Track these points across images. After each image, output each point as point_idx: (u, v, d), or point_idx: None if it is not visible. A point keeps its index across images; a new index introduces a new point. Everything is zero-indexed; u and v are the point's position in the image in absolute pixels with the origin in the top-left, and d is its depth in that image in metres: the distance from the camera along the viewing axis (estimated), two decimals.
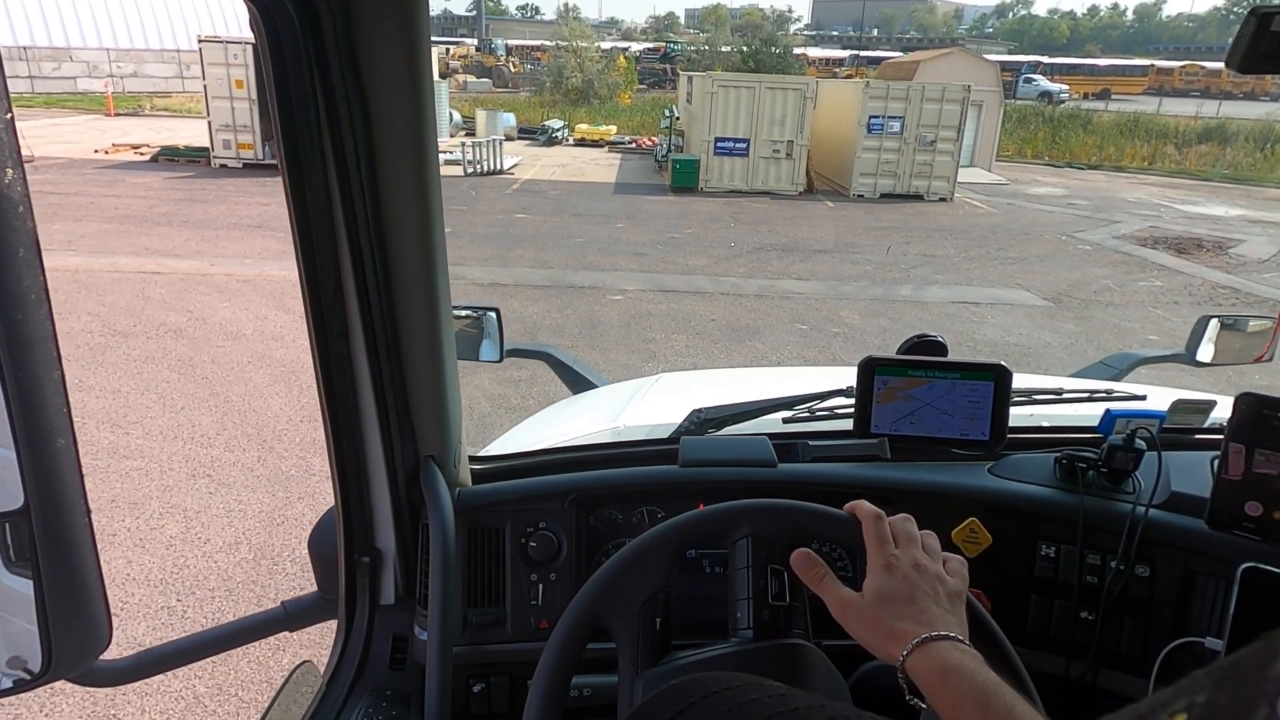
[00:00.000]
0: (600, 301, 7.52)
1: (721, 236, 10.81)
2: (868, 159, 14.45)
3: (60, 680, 0.67)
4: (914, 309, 7.78)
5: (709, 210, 12.77)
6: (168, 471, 4.09)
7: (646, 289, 8.02)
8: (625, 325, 6.85)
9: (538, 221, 11.26)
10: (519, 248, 9.60)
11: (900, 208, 13.78)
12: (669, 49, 48.07)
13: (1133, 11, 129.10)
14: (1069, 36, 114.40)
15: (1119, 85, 49.91)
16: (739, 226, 11.59)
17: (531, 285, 7.97)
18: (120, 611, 3.05)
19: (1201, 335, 1.92)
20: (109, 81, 25.97)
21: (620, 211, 12.37)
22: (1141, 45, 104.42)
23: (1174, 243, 11.61)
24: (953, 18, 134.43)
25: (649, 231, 10.94)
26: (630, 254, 9.57)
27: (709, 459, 1.24)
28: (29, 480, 0.58)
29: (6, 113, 0.51)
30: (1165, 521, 1.15)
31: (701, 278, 8.58)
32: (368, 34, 0.83)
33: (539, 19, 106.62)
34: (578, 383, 2.35)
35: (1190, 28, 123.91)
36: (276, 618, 1.17)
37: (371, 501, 1.12)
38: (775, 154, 14.48)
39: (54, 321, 0.56)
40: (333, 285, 0.96)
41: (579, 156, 19.19)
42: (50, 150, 15.97)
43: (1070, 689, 1.16)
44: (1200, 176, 21.25)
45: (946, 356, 1.30)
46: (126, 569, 3.30)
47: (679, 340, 6.51)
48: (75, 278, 7.46)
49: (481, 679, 1.15)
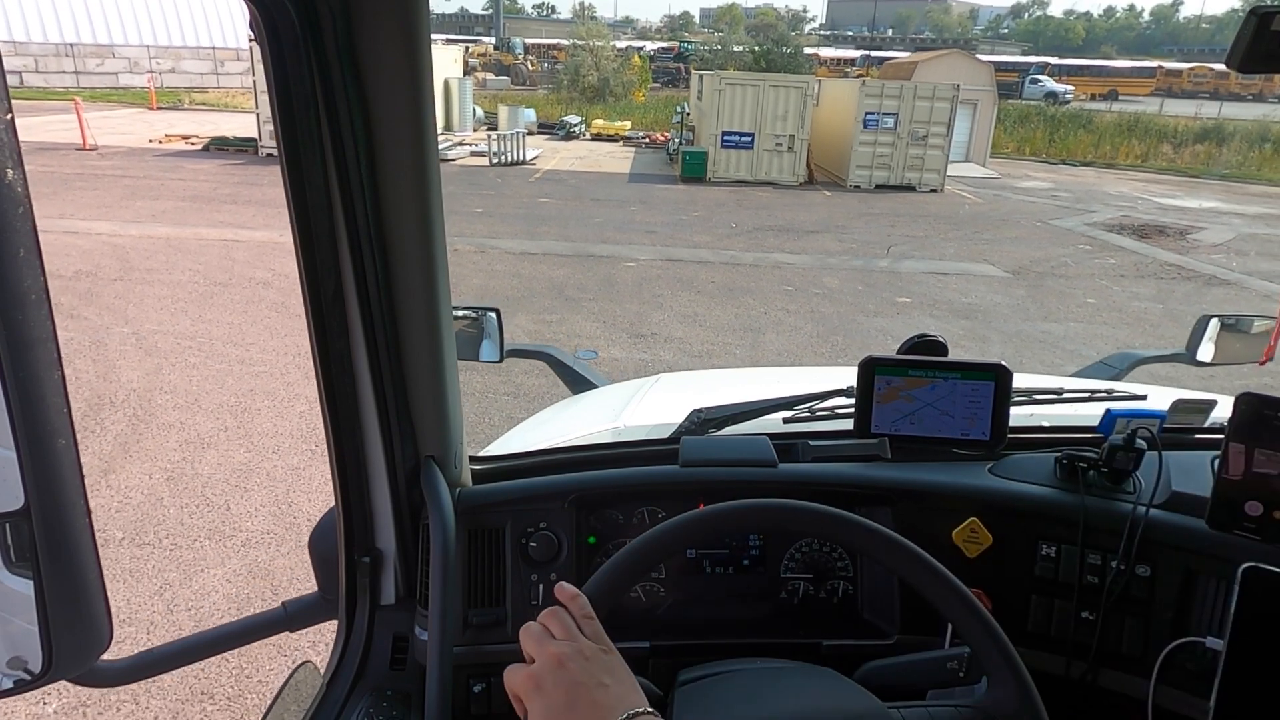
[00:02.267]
0: (616, 267, 8.74)
1: (725, 219, 12.01)
2: (864, 152, 15.60)
3: (60, 680, 0.67)
4: (888, 276, 8.96)
5: (715, 197, 13.96)
6: (286, 373, 5.34)
7: (656, 259, 9.24)
8: (637, 285, 8.07)
9: (559, 205, 12.49)
10: (544, 225, 10.84)
11: (892, 197, 14.92)
12: (683, 48, 49.12)
13: (1149, 13, 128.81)
14: (1084, 37, 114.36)
15: (1126, 86, 50.45)
16: (741, 211, 12.78)
17: (557, 255, 9.20)
18: (273, 453, 4.29)
19: (1201, 335, 1.89)
20: (151, 77, 27.41)
21: (634, 197, 13.59)
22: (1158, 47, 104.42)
23: (1139, 229, 12.71)
24: (968, 18, 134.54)
25: (659, 214, 12.16)
26: (642, 231, 10.79)
27: (709, 459, 1.24)
28: (29, 480, 0.57)
29: (6, 113, 0.51)
30: (1166, 521, 1.15)
31: (704, 250, 9.79)
32: (368, 34, 0.84)
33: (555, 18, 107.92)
34: (578, 383, 2.36)
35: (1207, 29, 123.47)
36: (276, 618, 1.17)
37: (372, 501, 1.12)
38: (778, 147, 15.66)
39: (54, 321, 0.56)
40: (333, 285, 0.96)
41: (596, 150, 20.42)
42: (109, 140, 17.31)
43: (1070, 689, 1.16)
44: (1189, 173, 22.21)
45: (947, 356, 1.31)
46: (273, 429, 4.55)
47: (683, 296, 7.73)
48: (168, 243, 8.76)
49: (482, 679, 1.14)
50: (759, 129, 15.53)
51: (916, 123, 15.44)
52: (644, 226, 11.14)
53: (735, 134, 15.56)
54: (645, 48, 48.68)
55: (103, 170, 13.57)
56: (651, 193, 14.23)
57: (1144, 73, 54.14)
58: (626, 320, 6.92)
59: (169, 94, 28.70)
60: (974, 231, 11.94)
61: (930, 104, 15.41)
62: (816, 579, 1.22)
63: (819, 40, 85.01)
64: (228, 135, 17.43)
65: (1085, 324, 7.47)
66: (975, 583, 0.91)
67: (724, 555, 1.22)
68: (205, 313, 6.48)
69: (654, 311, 7.19)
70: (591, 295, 7.62)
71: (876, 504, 1.20)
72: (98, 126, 19.53)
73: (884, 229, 11.81)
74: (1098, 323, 7.52)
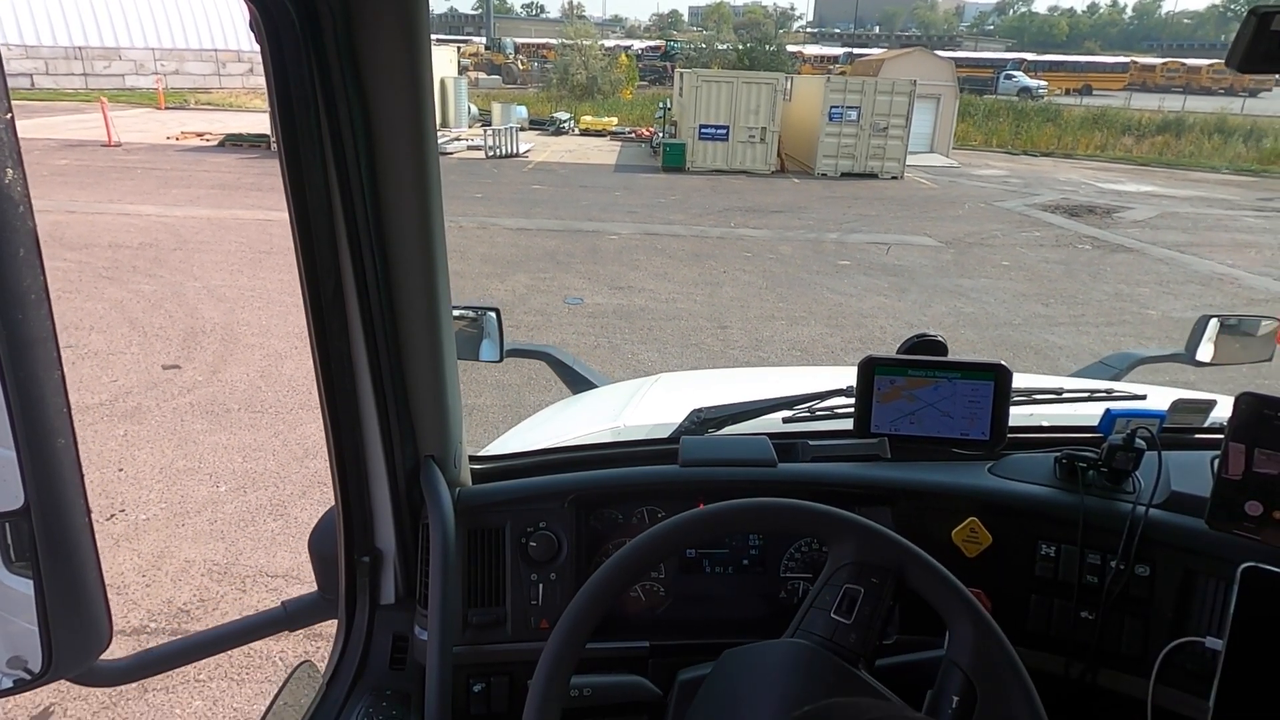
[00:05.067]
0: (601, 239, 10.12)
1: (699, 202, 13.39)
2: (829, 143, 17.02)
3: (60, 680, 0.67)
4: (835, 246, 10.36)
5: (692, 184, 15.35)
6: None
7: (635, 233, 10.61)
8: (618, 252, 9.44)
9: (551, 190, 13.85)
10: (537, 207, 12.20)
11: (855, 184, 16.34)
12: (669, 47, 50.49)
13: (1132, 9, 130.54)
14: (1069, 33, 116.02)
15: (1100, 81, 51.88)
16: (715, 195, 14.17)
17: (549, 230, 10.56)
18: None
19: (1201, 335, 1.89)
20: (159, 78, 28.63)
21: (618, 184, 14.97)
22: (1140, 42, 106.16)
23: (1071, 209, 14.16)
24: (954, 15, 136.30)
25: (641, 198, 13.54)
26: (624, 211, 12.17)
27: (709, 459, 1.24)
28: (29, 480, 0.58)
29: (6, 113, 0.51)
30: (1165, 521, 1.15)
31: (678, 226, 11.18)
32: (368, 34, 0.84)
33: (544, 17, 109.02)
34: (578, 383, 2.37)
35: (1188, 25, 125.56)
36: (276, 617, 1.18)
37: (372, 501, 1.13)
38: (751, 139, 17.07)
39: (54, 321, 0.56)
40: (333, 285, 0.96)
41: (584, 144, 21.80)
42: (129, 137, 18.56)
43: (1070, 689, 1.16)
44: (1140, 162, 23.72)
45: (946, 356, 1.31)
46: None
47: (656, 260, 9.10)
48: (211, 222, 10.08)
49: (481, 679, 1.14)
50: (733, 122, 16.94)
51: (878, 115, 16.87)
52: (626, 208, 12.52)
53: (712, 127, 16.97)
54: (633, 47, 50.06)
55: (132, 164, 14.84)
56: (635, 180, 15.61)
57: (1118, 68, 55.55)
58: (608, 277, 8.30)
59: (175, 94, 29.90)
60: (922, 211, 13.36)
61: (890, 98, 16.85)
62: (816, 579, 1.23)
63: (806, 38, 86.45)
64: (242, 132, 18.72)
65: (993, 280, 8.89)
66: (975, 583, 0.90)
67: (724, 555, 1.23)
68: (258, 273, 7.82)
69: (631, 271, 8.57)
70: (579, 260, 8.99)
71: (876, 504, 1.22)
72: (115, 125, 20.78)
73: (841, 210, 13.21)
74: (1005, 279, 8.93)
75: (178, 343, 5.88)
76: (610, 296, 7.63)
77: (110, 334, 5.96)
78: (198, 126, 21.12)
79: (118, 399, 4.88)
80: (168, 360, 5.55)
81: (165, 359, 5.57)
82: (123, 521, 3.62)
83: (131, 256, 8.20)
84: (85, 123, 20.29)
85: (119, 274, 7.57)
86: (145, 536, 3.51)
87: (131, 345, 5.77)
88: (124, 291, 7.02)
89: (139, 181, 12.89)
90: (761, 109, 16.87)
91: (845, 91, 16.83)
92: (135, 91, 30.34)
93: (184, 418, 4.68)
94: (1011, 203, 14.61)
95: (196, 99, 29.89)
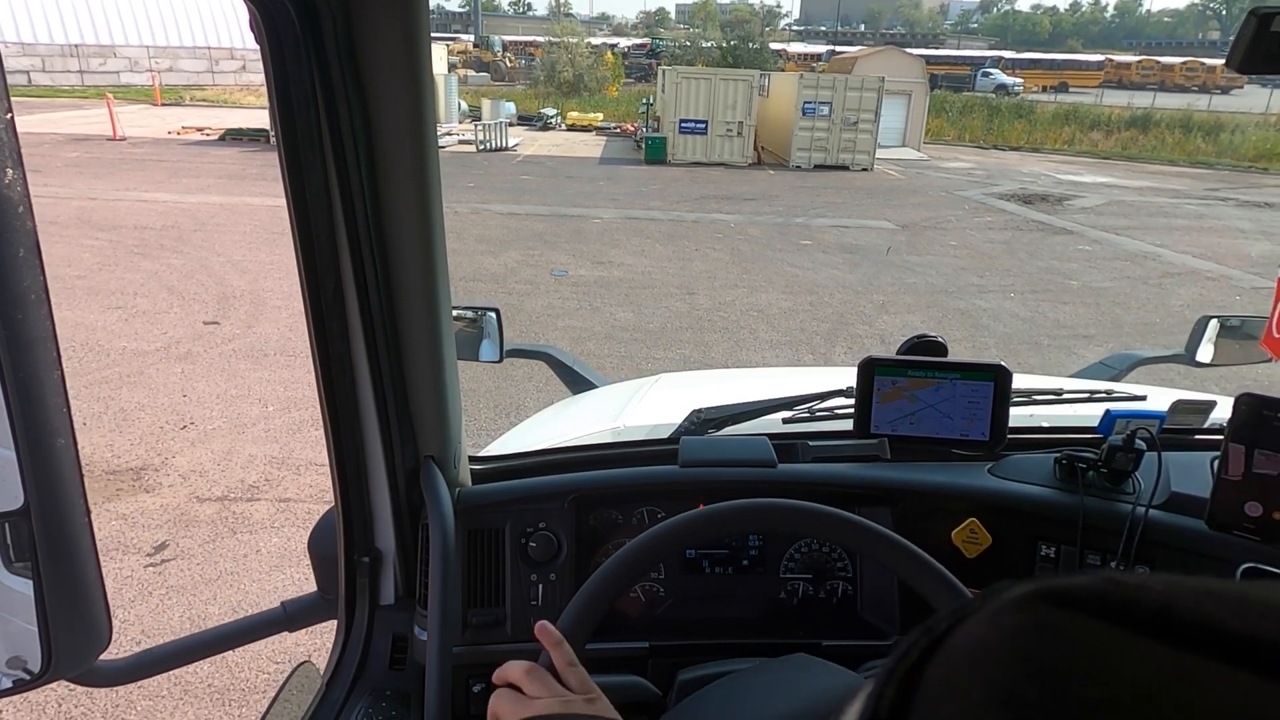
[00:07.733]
0: (585, 223, 11.02)
1: (678, 191, 14.31)
2: (803, 136, 17.98)
3: (60, 680, 0.67)
4: (800, 229, 11.30)
5: (672, 175, 16.27)
6: None
7: (617, 217, 11.52)
8: (601, 234, 10.35)
9: (538, 181, 14.74)
10: (526, 195, 13.08)
11: (826, 175, 17.30)
12: (655, 45, 51.26)
13: (1113, 7, 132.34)
14: (1051, 31, 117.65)
15: (1076, 79, 52.89)
16: (694, 185, 15.10)
17: (537, 214, 11.45)
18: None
19: (1201, 335, 1.90)
20: (155, 75, 29.28)
21: (602, 175, 15.87)
22: (1121, 40, 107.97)
23: (1026, 197, 15.17)
24: (938, 13, 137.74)
25: (623, 187, 14.46)
26: (607, 199, 13.08)
27: (709, 459, 1.25)
28: (29, 480, 0.58)
29: (7, 113, 0.51)
30: (1165, 522, 1.15)
31: (657, 212, 12.10)
32: (368, 34, 0.84)
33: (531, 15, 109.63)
34: (578, 383, 2.37)
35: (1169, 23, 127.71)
36: (276, 618, 1.18)
37: (371, 501, 1.13)
38: (729, 132, 18.01)
39: (54, 321, 0.56)
40: (333, 285, 0.96)
41: (570, 138, 22.68)
42: (131, 132, 19.29)
43: None
44: (1103, 156, 24.83)
45: (946, 356, 1.31)
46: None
47: (635, 240, 10.02)
48: (224, 208, 10.91)
49: (481, 679, 1.13)
50: (712, 117, 17.87)
51: (848, 110, 17.84)
52: (609, 196, 13.43)
53: (691, 121, 17.90)
54: (619, 44, 50.89)
55: (140, 156, 15.61)
56: (618, 172, 16.52)
57: (1094, 65, 56.70)
58: (591, 254, 9.20)
59: (170, 91, 30.54)
60: (885, 199, 14.33)
61: (860, 94, 17.82)
62: (816, 579, 1.22)
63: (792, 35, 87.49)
64: (242, 126, 19.48)
65: (939, 257, 9.85)
66: (974, 583, 0.89)
67: (724, 555, 1.23)
68: (275, 250, 8.67)
69: (611, 249, 9.48)
70: (565, 240, 9.88)
71: (876, 504, 1.22)
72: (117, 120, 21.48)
73: (810, 198, 14.16)
74: (949, 256, 9.89)
75: (213, 305, 6.74)
76: (592, 269, 8.53)
77: (153, 298, 6.81)
78: (196, 122, 21.82)
79: (170, 347, 5.74)
80: (207, 318, 6.41)
81: (205, 317, 6.43)
82: (194, 430, 4.50)
83: (157, 236, 9.04)
84: (87, 118, 20.99)
85: (149, 250, 8.41)
86: (214, 440, 4.39)
87: (173, 307, 6.63)
88: (157, 265, 7.86)
89: (150, 172, 13.68)
90: (739, 104, 17.81)
91: (818, 88, 17.80)
92: (130, 88, 30.96)
93: (229, 360, 5.56)
94: (971, 192, 15.61)
95: (191, 95, 30.56)
